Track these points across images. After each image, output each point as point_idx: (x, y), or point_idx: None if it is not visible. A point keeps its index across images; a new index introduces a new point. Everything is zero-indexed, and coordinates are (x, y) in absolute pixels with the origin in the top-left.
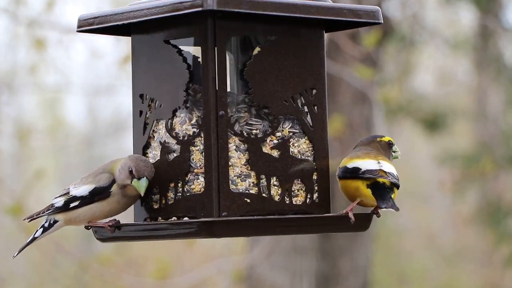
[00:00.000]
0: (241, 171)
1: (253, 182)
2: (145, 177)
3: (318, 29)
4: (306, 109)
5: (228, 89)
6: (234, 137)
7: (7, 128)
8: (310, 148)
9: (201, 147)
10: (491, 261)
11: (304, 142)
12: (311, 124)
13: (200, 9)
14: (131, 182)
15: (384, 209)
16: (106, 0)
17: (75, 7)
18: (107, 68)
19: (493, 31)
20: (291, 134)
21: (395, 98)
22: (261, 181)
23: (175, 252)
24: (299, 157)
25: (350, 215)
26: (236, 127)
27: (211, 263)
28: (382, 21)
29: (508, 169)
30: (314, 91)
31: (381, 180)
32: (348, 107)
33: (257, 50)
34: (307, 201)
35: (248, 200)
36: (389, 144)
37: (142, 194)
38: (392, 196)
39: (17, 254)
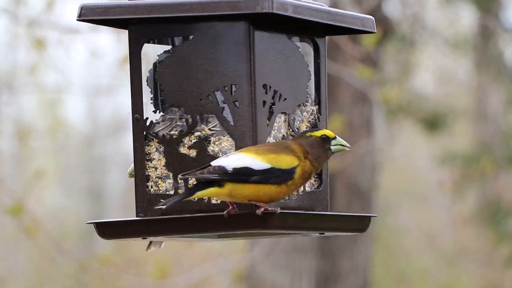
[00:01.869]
0: (161, 173)
1: (171, 183)
2: None
3: (238, 23)
4: (227, 106)
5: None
6: (154, 139)
7: (7, 128)
8: (234, 146)
9: None
10: (491, 261)
11: (227, 140)
12: (232, 121)
13: (76, 18)
14: None
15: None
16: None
17: (75, 7)
18: (107, 68)
19: (493, 31)
20: (212, 132)
21: (395, 98)
22: (179, 181)
23: (174, 252)
24: (220, 155)
25: (226, 211)
26: (157, 129)
27: (211, 262)
28: (267, 9)
29: (508, 169)
30: (237, 86)
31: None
32: (348, 107)
33: (169, 52)
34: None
35: (163, 201)
36: (323, 139)
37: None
38: (209, 191)
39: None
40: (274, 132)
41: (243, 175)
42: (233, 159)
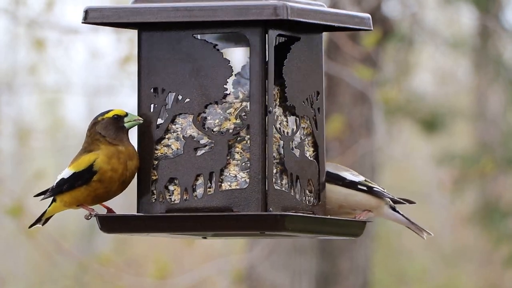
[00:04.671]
0: None
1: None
2: None
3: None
4: None
5: None
6: None
7: (7, 128)
8: None
9: None
10: (491, 261)
11: None
12: None
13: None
14: None
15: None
16: (106, 0)
17: (75, 7)
18: (107, 68)
19: (493, 31)
20: None
21: (395, 98)
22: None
23: (174, 252)
24: None
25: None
26: None
27: (211, 263)
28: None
29: (508, 170)
30: None
31: None
32: (348, 107)
33: None
34: None
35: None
36: (115, 118)
37: None
38: (52, 206)
39: None
40: (175, 134)
41: (59, 186)
42: (61, 174)
